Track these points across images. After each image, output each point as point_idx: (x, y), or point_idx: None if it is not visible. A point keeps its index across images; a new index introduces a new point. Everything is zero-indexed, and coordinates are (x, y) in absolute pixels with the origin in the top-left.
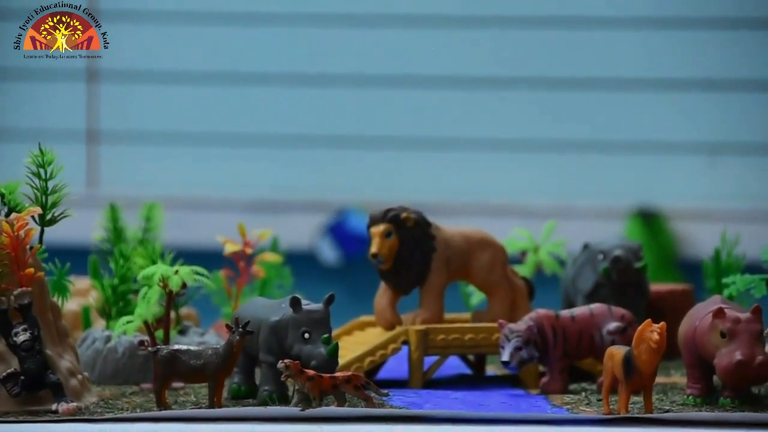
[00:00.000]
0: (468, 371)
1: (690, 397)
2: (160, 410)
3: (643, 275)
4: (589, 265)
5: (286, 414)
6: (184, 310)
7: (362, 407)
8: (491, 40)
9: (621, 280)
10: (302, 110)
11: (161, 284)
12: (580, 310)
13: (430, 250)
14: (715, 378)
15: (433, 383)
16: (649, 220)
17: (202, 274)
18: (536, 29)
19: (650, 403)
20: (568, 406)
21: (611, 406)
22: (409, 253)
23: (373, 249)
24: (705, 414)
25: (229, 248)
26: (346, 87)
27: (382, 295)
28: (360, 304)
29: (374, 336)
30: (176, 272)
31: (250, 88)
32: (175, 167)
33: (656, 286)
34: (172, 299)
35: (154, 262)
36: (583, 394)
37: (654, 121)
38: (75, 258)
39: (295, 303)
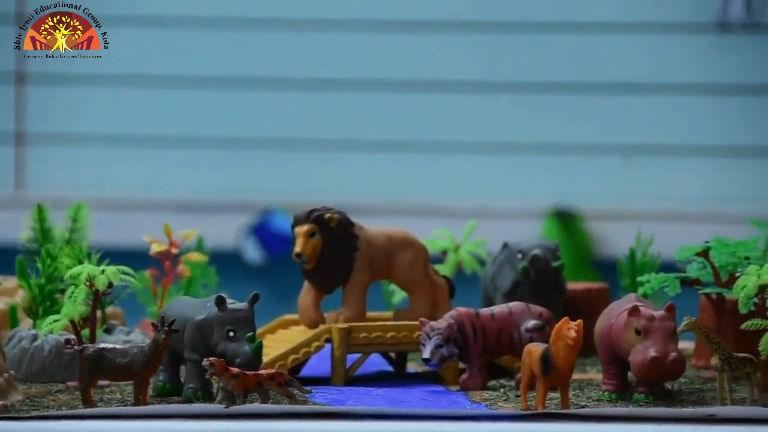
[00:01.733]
0: (389, 368)
1: (606, 393)
2: (86, 408)
3: (561, 274)
4: (508, 264)
5: (210, 411)
6: (110, 309)
7: (286, 404)
8: (409, 43)
9: (539, 278)
10: (227, 112)
11: (88, 284)
12: (499, 309)
13: (353, 249)
14: (629, 374)
15: (355, 380)
16: (566, 220)
17: (128, 274)
18: (451, 33)
19: (567, 398)
20: (487, 402)
21: (529, 402)
22: (333, 253)
23: (297, 249)
24: (620, 409)
25: (155, 248)
26: (269, 89)
27: (306, 294)
28: (284, 302)
29: (298, 334)
30: (102, 272)
31: (174, 91)
32: (102, 168)
33: (573, 285)
34: (98, 298)
35: (80, 262)
36: (502, 390)
37: (570, 124)
38: (2, 258)
39: (220, 302)
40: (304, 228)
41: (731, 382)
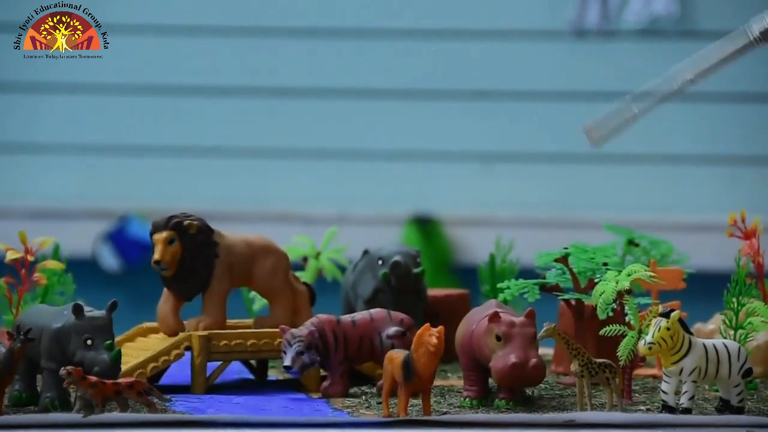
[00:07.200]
0: (250, 376)
1: (467, 399)
2: None
3: (422, 280)
4: (369, 270)
5: (68, 420)
6: None
7: (145, 413)
8: (261, 48)
9: (400, 285)
10: (82, 118)
11: None
12: (360, 315)
13: (213, 256)
14: (490, 380)
15: (215, 388)
16: (426, 226)
17: None
18: (301, 39)
19: (429, 405)
20: (349, 410)
21: (391, 409)
22: (192, 260)
23: (156, 256)
24: (481, 415)
25: (11, 255)
26: (125, 95)
27: (165, 301)
28: (142, 310)
29: (157, 342)
30: None
31: (26, 96)
32: None
33: (434, 291)
34: None
35: None
36: (364, 397)
37: (429, 130)
38: None
39: (77, 310)
40: (163, 235)
41: (590, 388)
